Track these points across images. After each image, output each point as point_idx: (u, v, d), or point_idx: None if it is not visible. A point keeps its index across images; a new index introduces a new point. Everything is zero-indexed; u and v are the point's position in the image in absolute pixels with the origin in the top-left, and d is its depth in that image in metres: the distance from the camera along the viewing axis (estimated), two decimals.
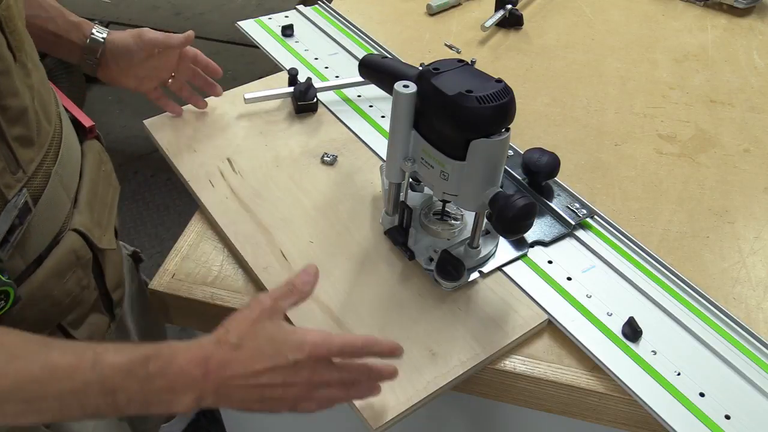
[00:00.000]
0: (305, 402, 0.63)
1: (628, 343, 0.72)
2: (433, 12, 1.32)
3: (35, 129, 0.66)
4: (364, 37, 1.20)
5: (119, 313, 0.82)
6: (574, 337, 0.72)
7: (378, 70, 0.86)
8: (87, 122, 0.81)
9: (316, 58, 1.14)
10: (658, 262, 0.80)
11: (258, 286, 0.78)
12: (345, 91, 1.06)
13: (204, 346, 0.59)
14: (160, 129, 0.98)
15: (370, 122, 1.01)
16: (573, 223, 0.83)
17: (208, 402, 0.59)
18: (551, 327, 0.75)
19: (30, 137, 0.65)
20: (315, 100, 1.01)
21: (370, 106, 1.04)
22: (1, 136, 0.61)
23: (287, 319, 0.72)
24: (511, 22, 1.28)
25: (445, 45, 1.23)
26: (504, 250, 0.81)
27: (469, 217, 0.82)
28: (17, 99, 0.63)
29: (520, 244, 0.82)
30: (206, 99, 1.03)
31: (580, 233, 0.84)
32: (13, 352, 0.55)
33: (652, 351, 0.71)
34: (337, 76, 1.09)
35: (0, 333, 0.55)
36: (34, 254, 0.67)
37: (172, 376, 0.57)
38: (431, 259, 0.78)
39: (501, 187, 0.71)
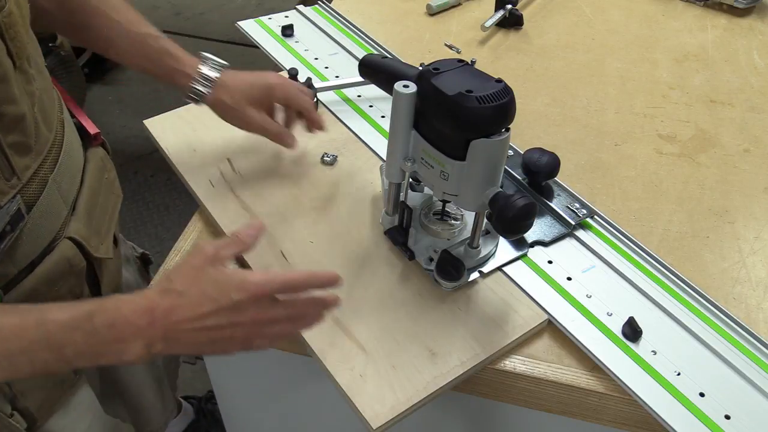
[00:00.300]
0: (257, 340, 0.64)
1: (628, 343, 0.72)
2: (433, 12, 1.32)
3: (33, 136, 0.65)
4: (364, 37, 1.20)
5: None
6: (574, 337, 0.72)
7: (378, 70, 0.86)
8: (92, 129, 0.80)
9: (316, 58, 1.14)
10: (658, 262, 0.80)
11: None
12: (345, 91, 1.06)
13: (148, 296, 0.61)
14: (160, 129, 0.98)
15: (370, 122, 1.01)
16: (573, 223, 0.83)
17: (159, 348, 0.60)
18: (551, 327, 0.75)
19: (27, 144, 0.65)
20: (315, 100, 1.01)
21: (370, 106, 1.04)
22: None
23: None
24: (511, 22, 1.28)
25: (445, 45, 1.23)
26: (504, 250, 0.81)
27: (469, 217, 0.82)
28: (15, 106, 0.62)
29: (520, 244, 0.82)
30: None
31: (580, 233, 0.84)
32: None
33: (652, 351, 0.71)
34: (337, 76, 1.09)
35: None
36: (26, 261, 0.67)
37: (118, 328, 0.59)
38: (431, 259, 0.78)
39: (501, 187, 0.71)
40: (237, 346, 0.64)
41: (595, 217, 0.86)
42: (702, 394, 0.67)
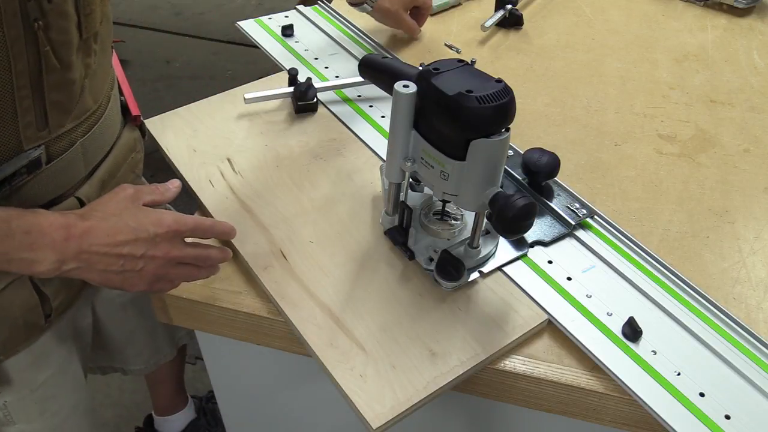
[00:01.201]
0: (162, 281, 0.70)
1: (628, 343, 0.72)
2: (433, 12, 1.32)
3: (76, 101, 0.70)
4: (364, 37, 1.20)
5: None
6: (574, 337, 0.72)
7: (378, 70, 0.86)
8: (135, 111, 0.87)
9: (316, 58, 1.14)
10: (658, 262, 0.80)
11: (258, 286, 0.78)
12: (345, 91, 1.06)
13: (68, 215, 0.66)
14: (160, 129, 0.98)
15: (370, 122, 1.01)
16: (573, 223, 0.83)
17: (70, 268, 0.64)
18: (551, 327, 0.75)
19: (68, 107, 0.69)
20: (315, 100, 1.01)
21: (370, 106, 1.04)
22: (40, 96, 0.65)
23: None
24: (511, 22, 1.28)
25: (445, 45, 1.23)
26: (504, 250, 0.81)
27: (469, 217, 0.82)
28: (69, 72, 0.66)
29: (520, 244, 0.82)
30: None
31: (580, 233, 0.84)
32: None
33: (652, 351, 0.71)
34: (337, 76, 1.09)
35: None
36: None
37: (33, 236, 0.62)
38: (431, 259, 0.78)
39: (501, 187, 0.71)
40: (144, 282, 0.69)
41: (595, 217, 0.86)
42: (702, 394, 0.67)
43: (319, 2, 1.30)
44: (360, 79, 0.95)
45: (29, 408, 0.87)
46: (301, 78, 1.02)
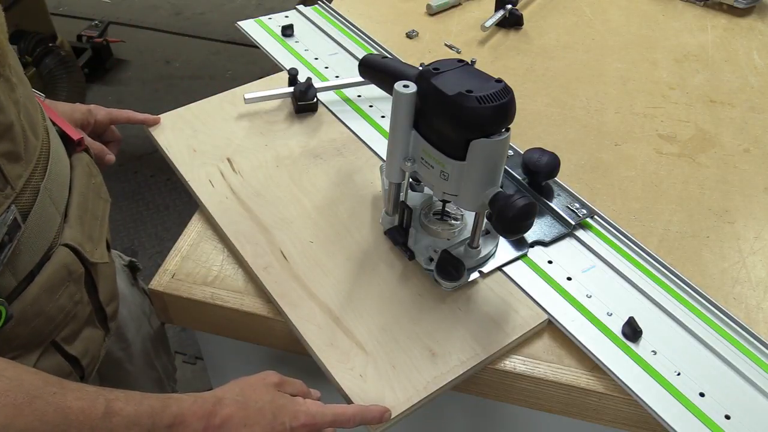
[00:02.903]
0: None
1: (628, 343, 0.72)
2: (433, 12, 1.32)
3: (22, 144, 0.66)
4: (364, 37, 1.20)
5: (114, 326, 0.81)
6: (574, 337, 0.72)
7: (378, 70, 0.86)
8: (75, 135, 0.81)
9: (316, 58, 1.14)
10: (658, 262, 0.80)
11: (258, 286, 0.78)
12: (345, 91, 1.06)
13: (207, 398, 0.63)
14: (160, 129, 0.98)
15: (370, 122, 1.01)
16: (573, 223, 0.83)
17: None
18: (551, 327, 0.75)
19: (17, 152, 0.65)
20: (315, 100, 1.01)
21: (370, 106, 1.04)
22: None
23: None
24: (511, 22, 1.28)
25: (445, 45, 1.23)
26: (504, 250, 0.81)
27: (469, 217, 0.82)
28: (2, 114, 0.62)
29: (520, 244, 0.82)
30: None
31: (580, 233, 0.84)
32: (31, 392, 0.55)
33: (652, 351, 0.71)
34: (337, 76, 1.09)
35: (22, 371, 0.56)
36: (25, 271, 0.66)
37: (175, 429, 0.60)
38: (431, 259, 0.78)
39: (501, 187, 0.71)
40: None
41: (595, 217, 0.86)
42: (702, 394, 0.67)
43: (319, 2, 1.30)
44: (360, 79, 0.94)
45: None
46: (301, 78, 1.02)
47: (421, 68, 0.73)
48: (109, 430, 0.57)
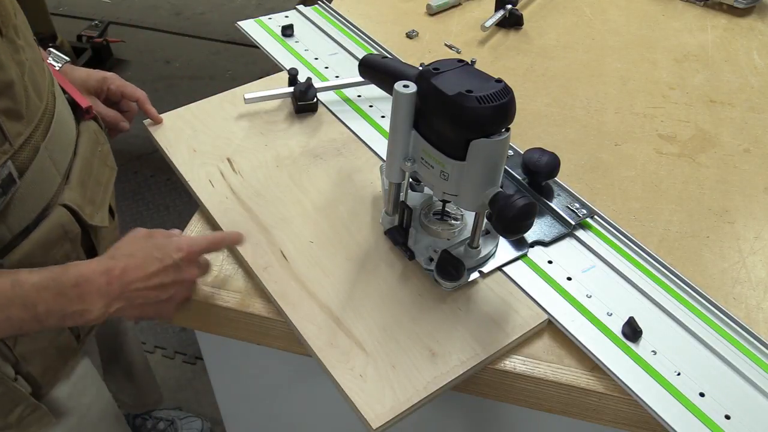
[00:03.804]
0: (184, 301, 0.75)
1: (628, 343, 0.72)
2: (433, 12, 1.32)
3: (24, 103, 0.68)
4: (364, 37, 1.20)
5: None
6: (574, 337, 0.72)
7: (378, 70, 0.86)
8: (84, 103, 0.84)
9: (316, 58, 1.14)
10: (658, 262, 0.80)
11: (258, 286, 0.78)
12: (345, 91, 1.06)
13: (102, 260, 0.69)
14: (160, 129, 0.98)
15: (370, 122, 1.01)
16: (573, 223, 0.83)
17: (116, 307, 0.68)
18: (551, 327, 0.75)
19: (17, 111, 0.67)
20: (315, 100, 1.01)
21: (370, 106, 1.04)
22: None
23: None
24: (511, 22, 1.28)
25: (445, 45, 1.23)
26: (504, 250, 0.81)
27: (469, 217, 0.82)
28: (3, 72, 0.64)
29: (520, 244, 0.82)
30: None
31: (580, 233, 0.84)
32: None
33: (652, 351, 0.71)
34: (337, 76, 1.09)
35: None
36: (20, 226, 0.69)
37: (82, 287, 0.66)
38: (431, 259, 0.78)
39: (501, 187, 0.71)
40: (172, 307, 0.73)
41: (595, 217, 0.86)
42: (702, 394, 0.67)
43: (319, 2, 1.30)
44: (360, 79, 0.94)
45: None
46: (301, 78, 1.02)
47: (421, 68, 0.73)
48: (21, 298, 0.63)
